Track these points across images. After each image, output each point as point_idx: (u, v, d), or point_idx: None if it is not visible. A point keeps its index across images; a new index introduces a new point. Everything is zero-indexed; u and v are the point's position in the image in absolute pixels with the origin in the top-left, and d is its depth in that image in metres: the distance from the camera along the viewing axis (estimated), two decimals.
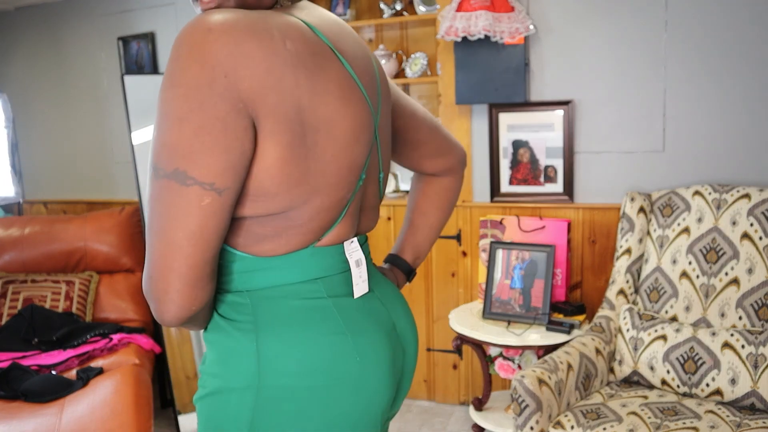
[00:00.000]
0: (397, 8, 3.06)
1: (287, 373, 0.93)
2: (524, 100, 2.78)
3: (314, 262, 0.96)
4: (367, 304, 1.03)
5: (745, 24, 2.45)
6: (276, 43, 0.85)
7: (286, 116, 0.86)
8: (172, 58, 0.82)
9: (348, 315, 0.98)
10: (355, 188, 0.98)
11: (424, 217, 1.31)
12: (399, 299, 1.13)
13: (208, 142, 0.81)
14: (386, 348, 1.01)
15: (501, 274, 2.71)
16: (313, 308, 0.95)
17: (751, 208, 2.25)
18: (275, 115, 0.85)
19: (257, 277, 0.95)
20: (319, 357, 0.94)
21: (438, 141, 1.25)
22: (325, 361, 0.94)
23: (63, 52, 3.86)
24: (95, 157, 3.85)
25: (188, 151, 0.82)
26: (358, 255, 1.02)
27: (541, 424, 2.02)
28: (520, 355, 2.66)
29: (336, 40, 0.95)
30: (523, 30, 2.70)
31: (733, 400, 2.08)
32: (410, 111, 1.20)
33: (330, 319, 0.96)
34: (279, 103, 0.85)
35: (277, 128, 0.86)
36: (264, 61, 0.83)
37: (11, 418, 2.19)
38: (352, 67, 0.95)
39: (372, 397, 0.98)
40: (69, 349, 2.69)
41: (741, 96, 2.49)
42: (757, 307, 2.18)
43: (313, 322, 0.95)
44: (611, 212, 2.72)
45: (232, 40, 0.81)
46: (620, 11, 2.63)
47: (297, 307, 0.95)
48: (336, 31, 0.96)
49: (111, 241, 3.20)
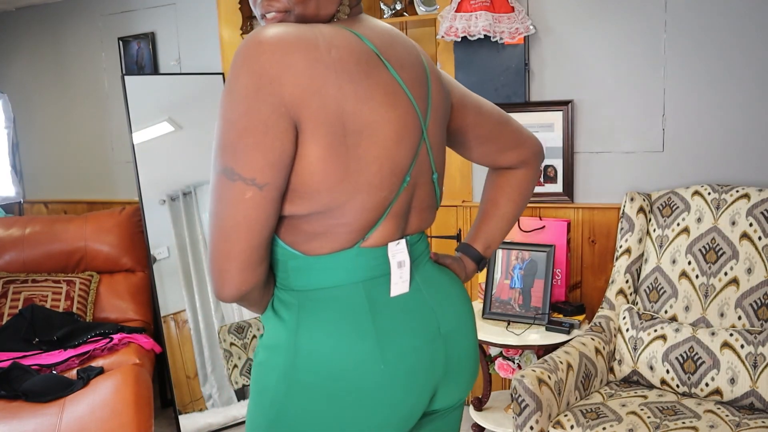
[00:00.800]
0: (397, 8, 3.06)
1: (315, 372, 1.00)
2: (524, 100, 2.78)
3: (359, 262, 1.02)
4: (409, 305, 1.06)
5: (745, 24, 2.45)
6: (321, 52, 0.93)
7: (327, 119, 0.93)
8: (231, 68, 0.93)
9: (382, 320, 1.02)
10: (398, 189, 1.03)
11: (495, 208, 1.33)
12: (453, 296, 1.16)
13: (251, 143, 0.91)
14: (421, 351, 1.05)
15: (501, 273, 2.71)
16: (351, 313, 1.01)
17: (750, 208, 2.25)
18: (317, 118, 0.92)
19: (306, 276, 1.02)
20: (344, 362, 1.00)
21: (507, 135, 1.27)
22: (348, 367, 0.99)
23: (63, 52, 3.86)
24: (95, 157, 3.85)
25: (235, 151, 0.92)
26: (402, 256, 1.06)
27: (540, 424, 2.02)
28: (520, 355, 2.66)
29: (384, 49, 1.01)
30: (523, 30, 2.70)
31: (732, 400, 2.09)
32: (476, 108, 1.23)
33: (362, 324, 1.01)
34: (321, 107, 0.92)
35: (318, 130, 0.93)
36: (308, 68, 0.91)
37: (12, 418, 2.20)
38: (399, 74, 1.02)
39: (395, 405, 1.03)
40: (69, 348, 2.69)
41: (740, 96, 2.49)
42: (756, 307, 2.18)
43: (347, 328, 1.00)
44: (611, 212, 2.72)
45: (279, 51, 0.90)
46: (620, 12, 2.63)
47: (336, 310, 1.01)
48: (386, 40, 1.03)
49: (111, 241, 3.20)
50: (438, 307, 1.11)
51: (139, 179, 2.96)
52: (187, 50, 3.52)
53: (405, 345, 1.03)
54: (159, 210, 3.02)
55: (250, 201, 0.93)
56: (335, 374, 1.00)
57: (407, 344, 1.03)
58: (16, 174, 3.77)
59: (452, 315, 1.13)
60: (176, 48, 3.54)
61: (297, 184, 0.96)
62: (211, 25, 3.39)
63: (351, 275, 1.02)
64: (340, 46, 0.95)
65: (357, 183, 0.97)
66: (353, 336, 1.00)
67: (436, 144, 1.11)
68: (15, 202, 3.81)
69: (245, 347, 3.09)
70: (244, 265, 0.96)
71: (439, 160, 1.13)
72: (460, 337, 1.14)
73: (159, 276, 2.97)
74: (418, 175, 1.07)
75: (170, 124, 3.10)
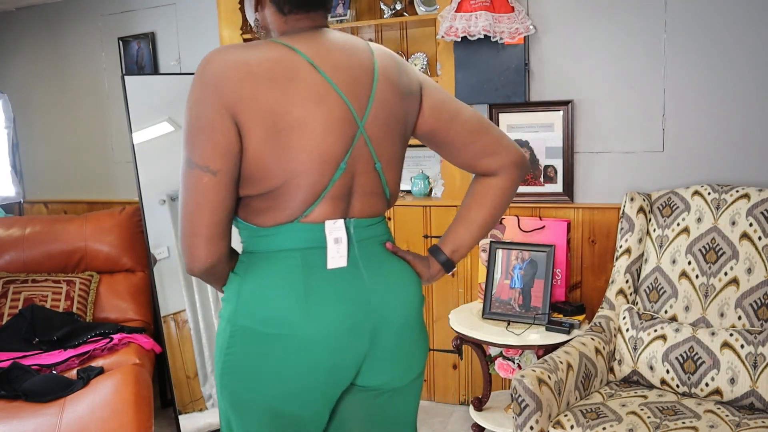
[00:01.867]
0: (397, 8, 3.06)
1: (250, 316, 1.20)
2: (524, 100, 2.78)
3: (296, 234, 1.21)
4: (344, 277, 1.22)
5: (745, 24, 2.45)
6: (251, 65, 1.14)
7: (260, 117, 1.14)
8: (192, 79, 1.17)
9: (313, 283, 1.20)
10: (333, 175, 1.20)
11: (467, 213, 1.40)
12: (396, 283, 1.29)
13: (203, 138, 1.14)
14: (346, 316, 1.21)
15: (501, 273, 2.71)
16: (285, 272, 1.20)
17: (750, 208, 2.26)
18: (252, 117, 1.14)
19: (255, 242, 1.24)
20: (274, 311, 1.19)
21: (484, 142, 1.34)
22: (277, 315, 1.18)
23: (63, 52, 3.87)
24: (95, 157, 3.85)
25: (192, 145, 1.15)
26: (339, 233, 1.22)
27: (540, 424, 2.02)
28: (520, 355, 2.66)
29: (318, 57, 1.19)
30: (523, 30, 2.70)
31: (732, 400, 2.09)
32: (451, 114, 1.33)
33: (294, 283, 1.19)
34: (254, 109, 1.14)
35: (254, 126, 1.14)
36: (241, 79, 1.13)
37: (12, 418, 2.20)
38: (331, 76, 1.19)
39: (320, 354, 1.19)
40: (69, 348, 2.69)
41: (740, 96, 2.49)
42: (756, 307, 2.18)
43: (280, 283, 1.20)
44: (611, 212, 2.72)
45: (221, 65, 1.14)
46: (620, 11, 2.63)
47: (273, 268, 1.21)
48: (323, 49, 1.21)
49: (111, 241, 3.20)
50: (374, 286, 1.24)
51: (139, 179, 2.96)
52: (187, 50, 3.52)
53: (331, 308, 1.20)
54: (159, 210, 3.02)
55: (206, 185, 1.14)
56: (266, 320, 1.18)
57: (333, 308, 1.20)
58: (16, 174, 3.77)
59: (389, 298, 1.26)
60: (176, 48, 3.54)
61: (246, 171, 1.18)
62: (211, 25, 3.39)
63: (289, 243, 1.21)
64: (272, 59, 1.16)
65: (291, 169, 1.17)
66: (284, 291, 1.19)
67: (380, 137, 1.24)
68: (15, 202, 3.81)
69: None
70: (208, 238, 1.17)
71: (386, 151, 1.26)
72: (394, 321, 1.26)
73: (159, 276, 2.97)
74: (355, 164, 1.23)
75: (170, 124, 3.10)
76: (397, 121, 1.27)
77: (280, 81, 1.15)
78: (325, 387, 1.22)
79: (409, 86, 1.29)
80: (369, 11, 3.21)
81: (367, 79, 1.23)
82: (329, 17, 3.06)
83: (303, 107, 1.16)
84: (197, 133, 1.14)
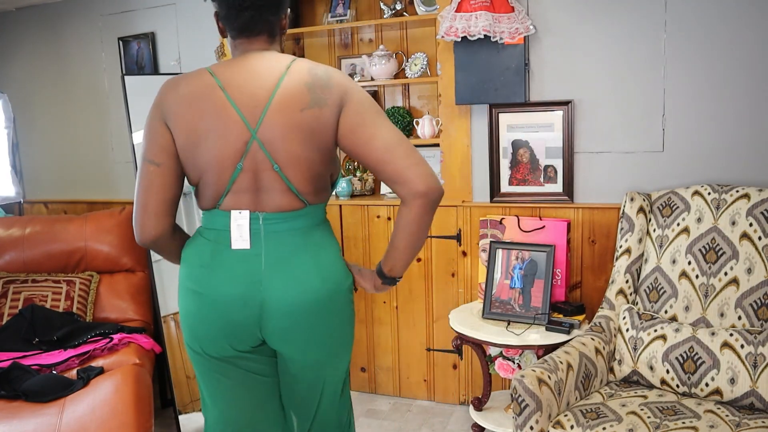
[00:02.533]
0: (397, 8, 3.06)
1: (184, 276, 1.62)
2: (524, 100, 2.78)
3: (214, 219, 1.58)
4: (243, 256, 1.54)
5: (745, 24, 2.45)
6: (179, 89, 1.53)
7: (180, 129, 1.52)
8: None
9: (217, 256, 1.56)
10: (233, 173, 1.51)
11: (392, 238, 1.60)
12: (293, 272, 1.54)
13: (149, 139, 1.56)
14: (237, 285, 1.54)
15: (501, 274, 2.71)
16: (201, 246, 1.60)
17: (750, 208, 2.26)
18: (175, 128, 1.53)
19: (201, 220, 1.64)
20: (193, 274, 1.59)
21: (390, 170, 1.49)
22: (194, 277, 1.58)
23: (63, 52, 3.87)
24: (95, 157, 3.85)
25: (144, 145, 1.56)
26: (241, 221, 1.53)
27: (540, 424, 2.02)
28: (520, 355, 2.66)
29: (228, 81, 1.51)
30: (523, 30, 2.70)
31: (732, 400, 2.09)
32: (365, 138, 1.50)
33: (204, 254, 1.58)
34: (177, 122, 1.52)
35: (177, 135, 1.53)
36: (171, 100, 1.53)
37: (12, 418, 2.20)
38: (233, 97, 1.49)
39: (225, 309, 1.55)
40: (69, 348, 2.69)
41: (740, 96, 2.49)
42: (756, 307, 2.18)
43: (197, 253, 1.60)
44: (611, 212, 2.72)
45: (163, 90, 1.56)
46: (620, 11, 2.63)
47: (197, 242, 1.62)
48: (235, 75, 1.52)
49: (111, 241, 3.20)
50: (269, 269, 1.53)
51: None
52: (187, 50, 3.52)
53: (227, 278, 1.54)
54: None
55: (153, 173, 1.54)
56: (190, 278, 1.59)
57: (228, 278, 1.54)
58: (16, 174, 3.77)
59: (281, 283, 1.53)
60: (176, 48, 3.54)
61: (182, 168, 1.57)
62: (211, 25, 3.34)
63: (211, 224, 1.59)
64: (193, 85, 1.52)
65: (200, 169, 1.54)
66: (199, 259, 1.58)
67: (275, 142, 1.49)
68: (15, 202, 3.81)
69: None
70: (155, 214, 1.56)
71: (284, 154, 1.50)
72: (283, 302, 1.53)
73: (159, 276, 2.97)
74: (253, 165, 1.51)
75: None
76: (299, 129, 1.49)
77: (195, 102, 1.50)
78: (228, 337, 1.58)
79: (317, 101, 1.49)
80: (369, 11, 3.22)
81: (265, 95, 1.49)
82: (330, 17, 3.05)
83: (207, 121, 1.49)
84: (147, 136, 1.56)
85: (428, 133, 3.05)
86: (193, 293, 1.57)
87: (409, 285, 3.13)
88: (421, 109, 3.25)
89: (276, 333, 1.57)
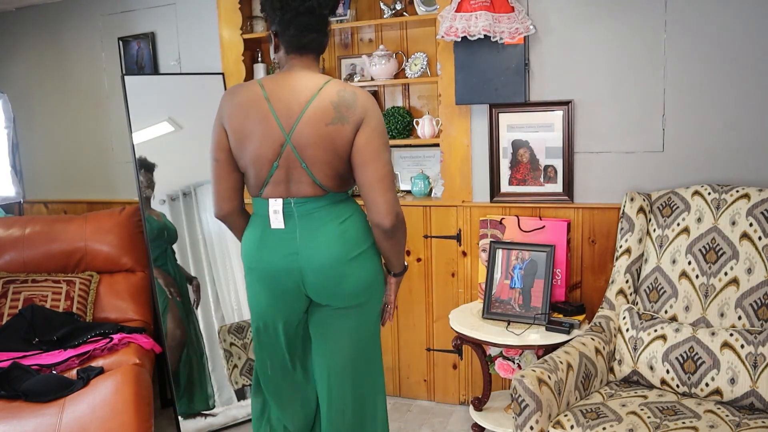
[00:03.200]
0: (397, 8, 3.06)
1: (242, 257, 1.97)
2: (524, 100, 2.78)
3: (259, 205, 1.92)
4: (282, 234, 1.87)
5: (745, 24, 2.45)
6: (234, 97, 1.86)
7: (232, 128, 1.85)
8: None
9: (264, 236, 1.89)
10: (271, 168, 1.83)
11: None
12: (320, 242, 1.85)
13: (212, 138, 1.91)
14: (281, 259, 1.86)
15: (501, 274, 2.71)
16: (253, 228, 1.93)
17: (750, 208, 2.26)
18: (229, 128, 1.86)
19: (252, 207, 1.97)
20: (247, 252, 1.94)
21: (368, 197, 1.84)
22: (248, 255, 1.94)
23: (63, 52, 3.87)
24: (95, 157, 3.85)
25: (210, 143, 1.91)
26: (276, 207, 1.86)
27: (540, 424, 2.02)
28: (520, 355, 2.66)
29: (272, 92, 1.82)
30: (523, 30, 2.70)
31: (732, 400, 2.09)
32: (362, 161, 1.82)
33: (254, 236, 1.92)
34: (230, 123, 1.85)
35: (230, 134, 1.86)
36: (227, 106, 1.87)
37: (12, 418, 2.20)
38: (274, 107, 1.81)
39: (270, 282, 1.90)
40: (69, 348, 2.69)
41: (740, 96, 2.49)
42: (756, 307, 2.18)
43: (249, 235, 1.94)
44: (611, 212, 2.72)
45: (223, 99, 1.90)
46: (620, 11, 2.63)
47: (250, 226, 1.96)
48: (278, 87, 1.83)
49: (111, 241, 3.20)
50: (303, 241, 1.85)
51: (139, 179, 2.96)
52: (187, 50, 3.52)
53: (272, 253, 1.88)
54: (159, 210, 3.03)
55: (215, 167, 1.91)
56: (245, 256, 1.95)
57: (273, 253, 1.88)
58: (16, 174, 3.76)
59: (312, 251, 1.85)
60: (176, 48, 3.54)
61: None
62: (211, 25, 3.39)
63: (258, 210, 1.93)
64: (244, 93, 1.84)
65: (245, 164, 1.87)
66: (251, 240, 1.92)
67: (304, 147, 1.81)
68: (15, 202, 3.81)
69: (245, 347, 3.08)
70: (221, 199, 1.94)
71: (311, 156, 1.81)
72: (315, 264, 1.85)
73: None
74: (286, 163, 1.83)
75: (170, 124, 3.10)
76: (323, 139, 1.80)
77: (244, 108, 1.83)
78: (281, 304, 1.93)
79: (340, 118, 1.80)
80: (369, 11, 3.21)
81: (298, 109, 1.80)
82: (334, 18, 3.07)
83: (253, 125, 1.81)
84: (212, 136, 1.90)
85: (428, 133, 3.05)
86: (249, 270, 1.94)
87: (409, 285, 3.13)
88: (421, 109, 3.25)
89: (313, 288, 1.89)
